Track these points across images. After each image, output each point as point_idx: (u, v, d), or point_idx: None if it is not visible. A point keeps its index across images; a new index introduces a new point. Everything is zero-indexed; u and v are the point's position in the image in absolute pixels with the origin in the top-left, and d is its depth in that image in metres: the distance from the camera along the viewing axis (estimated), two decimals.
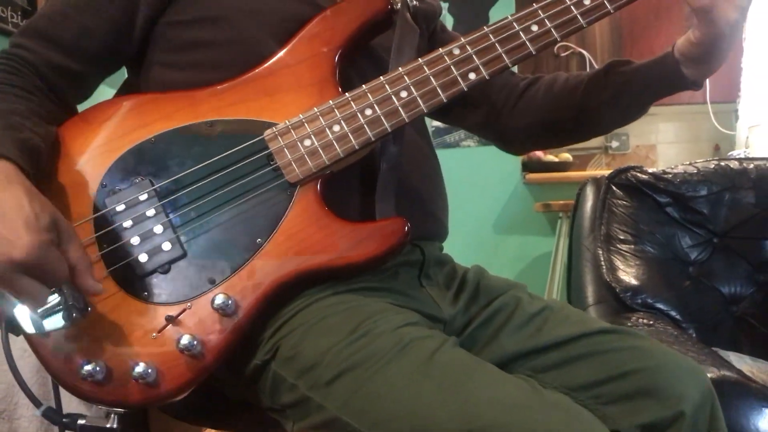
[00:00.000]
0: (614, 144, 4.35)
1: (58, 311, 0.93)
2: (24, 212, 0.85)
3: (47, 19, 1.10)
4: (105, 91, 1.19)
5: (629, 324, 1.79)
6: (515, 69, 1.17)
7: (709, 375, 1.22)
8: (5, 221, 0.84)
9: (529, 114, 1.33)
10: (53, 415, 0.98)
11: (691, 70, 1.12)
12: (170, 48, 1.13)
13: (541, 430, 0.78)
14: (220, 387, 1.12)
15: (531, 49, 1.05)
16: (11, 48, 1.08)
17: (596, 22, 1.06)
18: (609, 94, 1.22)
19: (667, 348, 1.04)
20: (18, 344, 0.97)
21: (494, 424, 0.78)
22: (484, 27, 1.06)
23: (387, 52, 1.15)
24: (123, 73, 1.23)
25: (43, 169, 0.98)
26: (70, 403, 1.03)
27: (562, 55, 4.12)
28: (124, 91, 1.20)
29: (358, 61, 1.12)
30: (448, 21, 4.00)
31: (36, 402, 0.97)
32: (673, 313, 1.91)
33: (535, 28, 1.05)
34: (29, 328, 0.93)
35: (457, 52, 1.05)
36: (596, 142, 4.41)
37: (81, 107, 1.12)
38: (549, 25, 1.05)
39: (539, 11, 1.05)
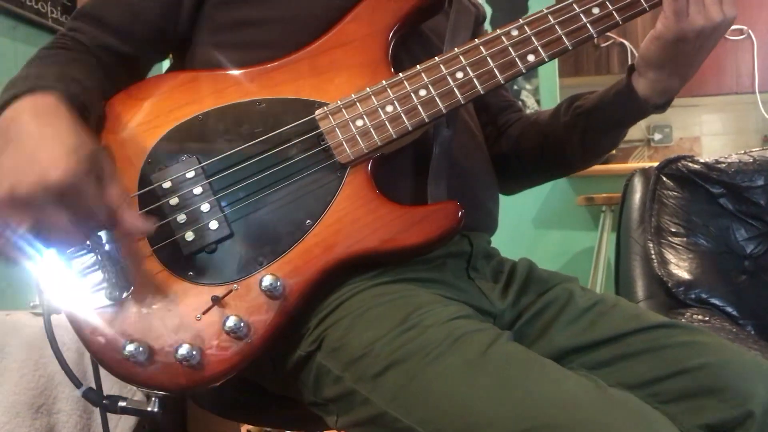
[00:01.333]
0: (657, 136, 4.28)
1: (100, 289, 0.92)
2: (65, 142, 0.81)
3: (99, 2, 1.11)
4: None
5: (683, 320, 1.72)
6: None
7: None
8: (44, 148, 0.80)
9: (510, 141, 1.32)
10: (93, 396, 0.97)
11: (646, 79, 1.08)
12: (218, 28, 1.11)
13: (606, 431, 0.74)
14: (261, 381, 1.10)
15: (592, 31, 1.03)
16: (66, 31, 1.09)
17: (657, 7, 1.03)
18: (566, 119, 1.20)
19: (731, 344, 0.99)
20: (57, 339, 0.96)
21: (555, 423, 0.74)
22: (543, 9, 1.03)
23: (439, 38, 1.13)
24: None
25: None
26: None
27: (603, 45, 4.05)
28: None
29: (409, 45, 1.09)
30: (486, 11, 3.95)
31: (77, 382, 0.96)
32: (729, 309, 1.83)
33: (596, 10, 1.03)
34: (71, 305, 0.92)
35: (515, 33, 1.02)
36: (638, 134, 4.35)
37: None
38: (611, 7, 1.02)
39: None
